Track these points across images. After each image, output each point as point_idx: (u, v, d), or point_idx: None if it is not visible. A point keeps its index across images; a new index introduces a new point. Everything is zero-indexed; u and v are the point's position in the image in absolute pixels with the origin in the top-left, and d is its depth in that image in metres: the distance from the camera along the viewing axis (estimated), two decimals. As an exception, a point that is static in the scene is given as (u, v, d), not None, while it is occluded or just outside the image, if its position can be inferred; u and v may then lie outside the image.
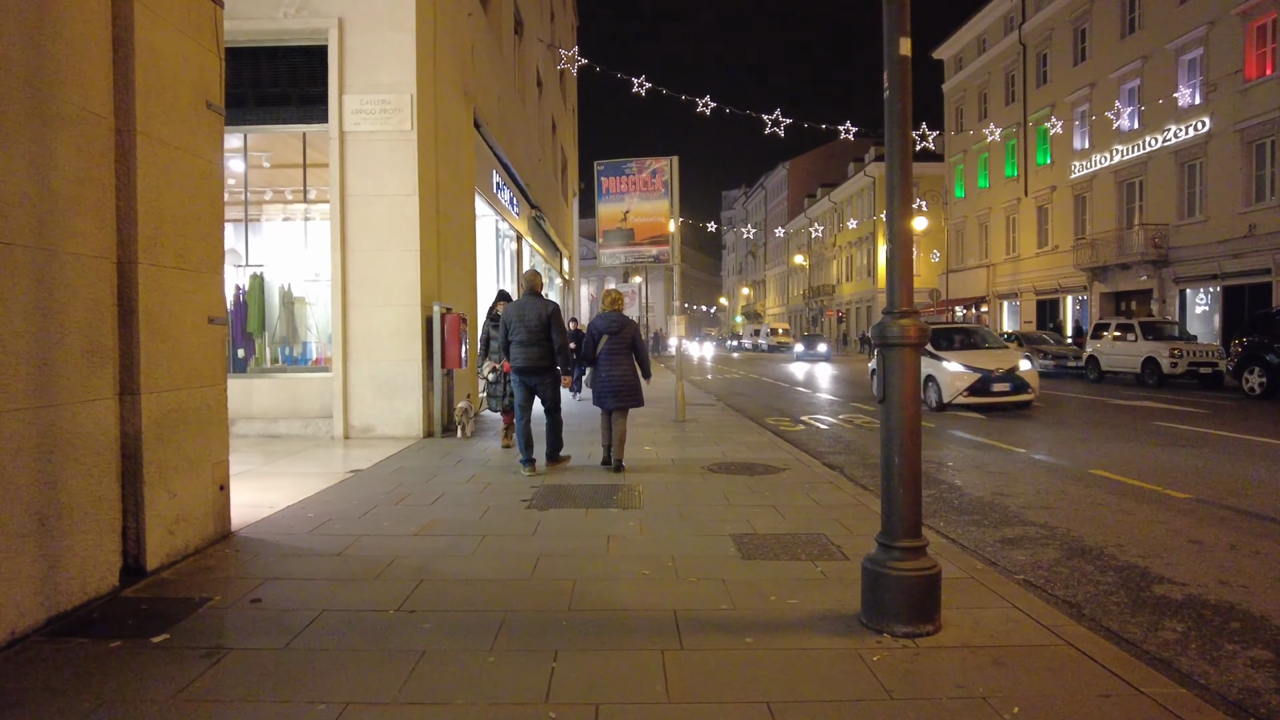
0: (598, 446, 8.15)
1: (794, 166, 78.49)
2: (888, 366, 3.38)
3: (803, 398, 16.95)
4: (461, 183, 11.72)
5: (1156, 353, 18.98)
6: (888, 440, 3.41)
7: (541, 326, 6.85)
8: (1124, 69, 28.45)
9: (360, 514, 5.49)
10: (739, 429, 10.54)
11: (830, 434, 10.91)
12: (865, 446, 9.69)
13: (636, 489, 6.33)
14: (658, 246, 11.31)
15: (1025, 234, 35.59)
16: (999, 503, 6.47)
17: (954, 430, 10.94)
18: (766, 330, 62.24)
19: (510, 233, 18.19)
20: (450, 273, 10.98)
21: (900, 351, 3.35)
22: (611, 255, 11.52)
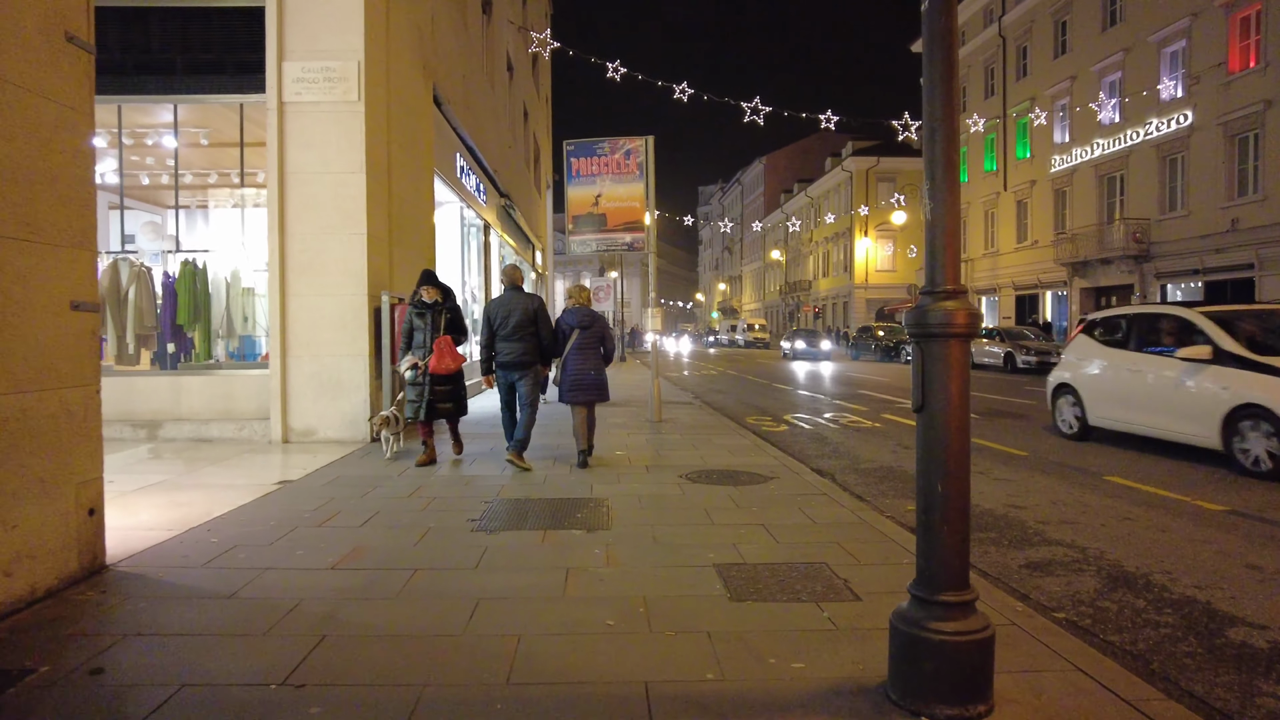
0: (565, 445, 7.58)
1: (770, 162, 77.99)
2: (928, 364, 2.58)
3: (783, 395, 16.23)
4: (418, 163, 10.80)
5: (1143, 349, 18.51)
6: (927, 461, 2.61)
7: (528, 320, 6.80)
8: (1105, 61, 28.09)
9: (274, 539, 4.61)
10: (719, 430, 9.75)
11: (816, 435, 10.16)
12: (854, 449, 8.94)
13: (605, 504, 5.50)
14: (631, 233, 10.49)
15: (1004, 229, 35.25)
16: (1014, 517, 5.73)
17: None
18: (743, 326, 61.68)
19: (477, 221, 17.24)
20: (405, 259, 10.06)
21: (945, 345, 2.55)
22: (582, 242, 10.67)
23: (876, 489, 6.74)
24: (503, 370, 7.02)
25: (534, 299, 7.02)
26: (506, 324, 6.86)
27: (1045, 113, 26.54)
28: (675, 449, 8.15)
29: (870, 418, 11.92)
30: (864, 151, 52.34)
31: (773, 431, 10.54)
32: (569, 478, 6.51)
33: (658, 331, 10.77)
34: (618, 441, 8.73)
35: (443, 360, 7.15)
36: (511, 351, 6.89)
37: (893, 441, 9.52)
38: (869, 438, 9.88)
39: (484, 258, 18.19)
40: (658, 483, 6.29)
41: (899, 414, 12.30)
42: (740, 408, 13.74)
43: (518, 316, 6.84)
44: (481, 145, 16.76)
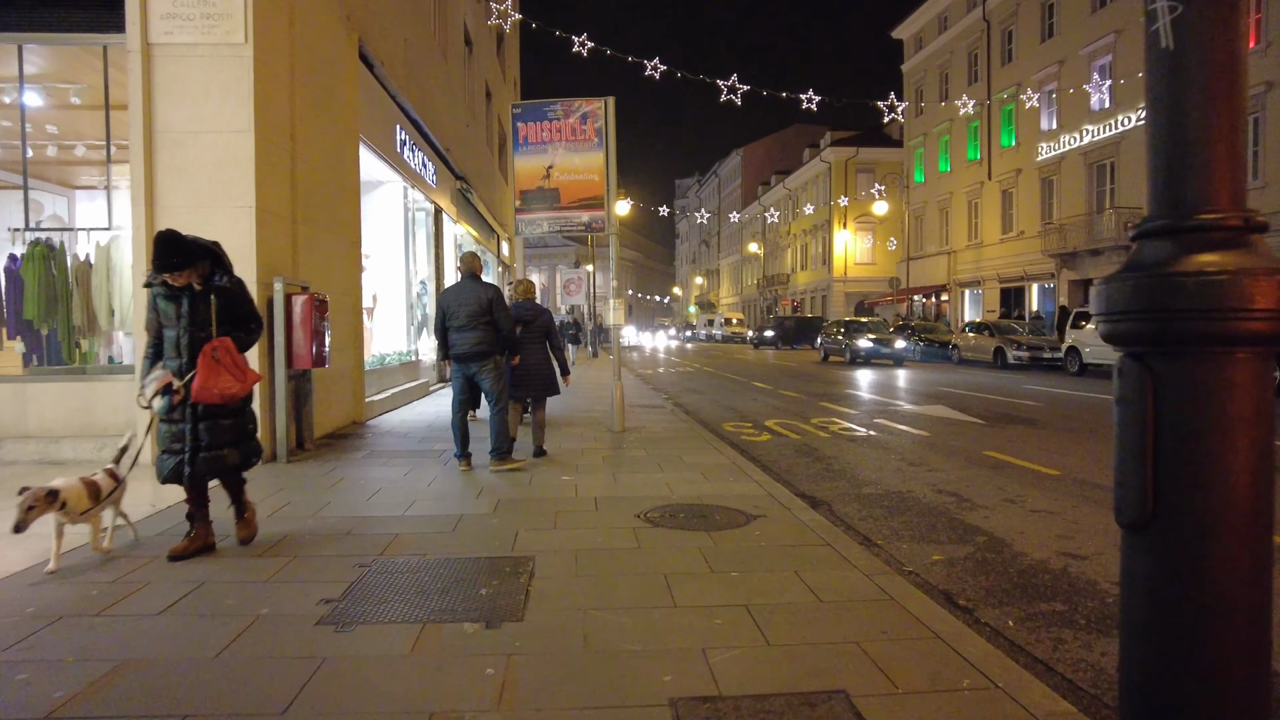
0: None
1: (748, 154, 76.71)
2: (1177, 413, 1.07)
3: (763, 396, 14.78)
4: (338, 128, 9.17)
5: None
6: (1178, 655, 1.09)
7: (482, 310, 6.51)
8: (1095, 44, 26.96)
9: (8, 641, 3.04)
10: (692, 442, 8.26)
11: (804, 447, 8.71)
12: (851, 466, 7.50)
13: (528, 568, 3.97)
14: (590, 211, 8.94)
15: (988, 219, 34.15)
16: (1078, 574, 4.29)
17: (941, 437, 8.87)
18: (721, 320, 60.40)
19: (426, 204, 15.60)
20: (316, 242, 8.46)
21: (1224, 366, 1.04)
22: (531, 223, 9.11)
23: (888, 527, 5.28)
24: (458, 364, 6.62)
25: (489, 287, 6.66)
26: (458, 314, 6.52)
27: (1036, 94, 25.29)
28: (637, 470, 6.65)
29: (862, 423, 10.51)
30: (843, 142, 51.18)
31: (754, 442, 9.07)
32: (490, 520, 4.97)
33: (620, 324, 9.24)
34: (569, 460, 7.21)
35: (214, 381, 4.13)
36: (465, 342, 6.52)
37: (894, 456, 8.09)
38: (865, 450, 8.44)
39: (435, 246, 16.56)
40: (607, 527, 4.78)
41: (893, 418, 10.90)
42: (717, 411, 12.27)
43: (470, 306, 6.50)
44: (430, 120, 15.11)
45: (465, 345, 6.53)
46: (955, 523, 5.37)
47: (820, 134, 56.84)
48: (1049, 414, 11.26)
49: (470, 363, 6.58)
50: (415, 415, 10.69)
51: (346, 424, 9.45)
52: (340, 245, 9.34)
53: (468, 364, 6.60)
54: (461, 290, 6.64)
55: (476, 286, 6.65)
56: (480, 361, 6.58)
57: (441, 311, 6.66)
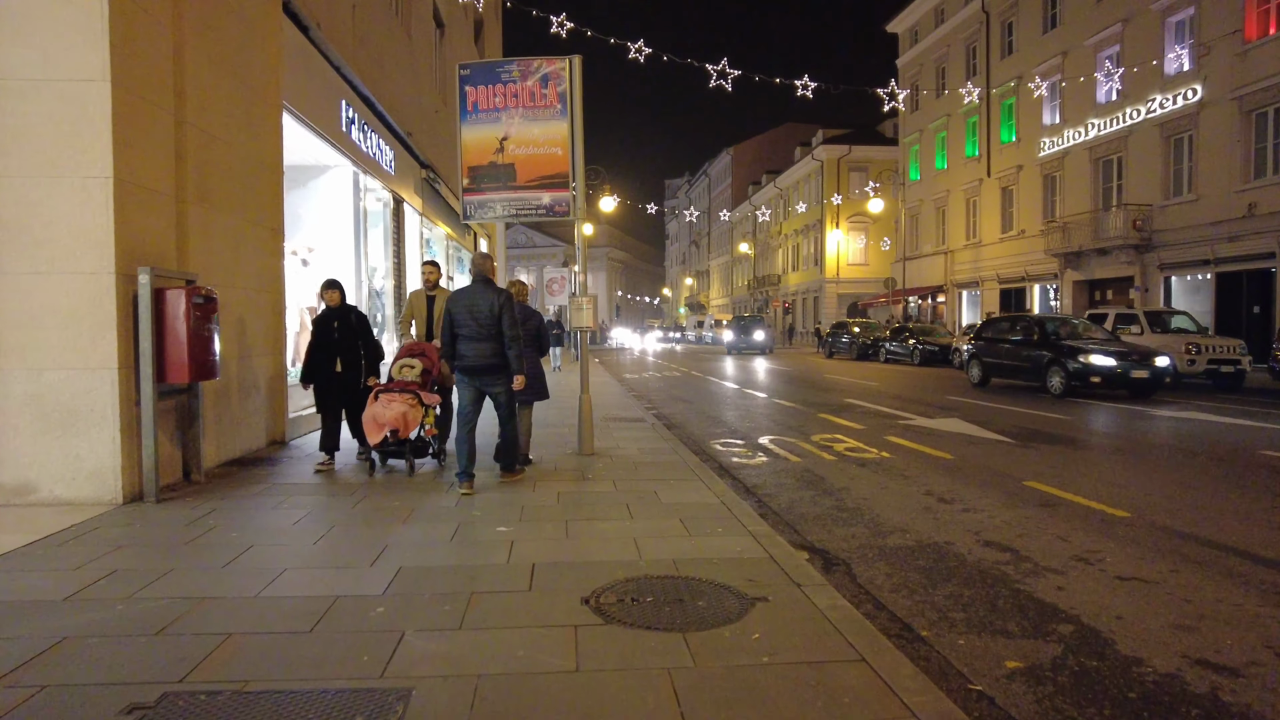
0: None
1: (738, 153, 75.40)
2: None
3: (756, 405, 13.36)
4: (251, 93, 7.68)
5: (1169, 348, 15.97)
6: None
7: (493, 319, 5.99)
8: (1101, 34, 25.72)
9: None
10: (672, 472, 6.80)
11: (808, 474, 7.28)
12: (868, 502, 6.07)
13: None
14: (552, 191, 7.49)
15: (988, 218, 32.89)
16: (1236, 708, 2.86)
17: (967, 460, 7.47)
18: (710, 321, 59.05)
19: (382, 194, 14.11)
20: (217, 227, 6.96)
21: None
22: (482, 205, 7.65)
23: (932, 605, 3.85)
24: (468, 376, 6.10)
25: (501, 293, 6.12)
26: (468, 323, 5.99)
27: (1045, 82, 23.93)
28: (599, 516, 5.19)
29: (871, 440, 9.09)
30: (835, 140, 49.94)
31: (747, 467, 7.63)
32: (374, 609, 3.50)
33: (589, 328, 7.77)
34: (515, 497, 5.74)
35: None
36: (478, 353, 6.00)
37: (917, 487, 6.67)
38: (880, 478, 7.02)
39: (397, 241, 15.07)
40: (538, 624, 3.31)
41: (906, 435, 9.49)
42: (705, 424, 10.83)
43: (483, 314, 5.96)
44: (389, 100, 13.65)
45: (479, 357, 6.00)
46: (1020, 597, 3.95)
47: (812, 133, 55.61)
48: (1083, 430, 9.88)
49: (483, 375, 6.06)
50: (354, 432, 9.20)
51: (262, 446, 7.96)
52: (255, 232, 7.84)
53: (481, 376, 6.07)
54: (472, 296, 6.04)
55: (488, 292, 6.05)
56: (496, 375, 6.07)
57: (450, 318, 6.07)
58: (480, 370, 6.06)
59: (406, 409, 6.42)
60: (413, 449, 6.72)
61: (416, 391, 6.63)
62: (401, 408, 6.40)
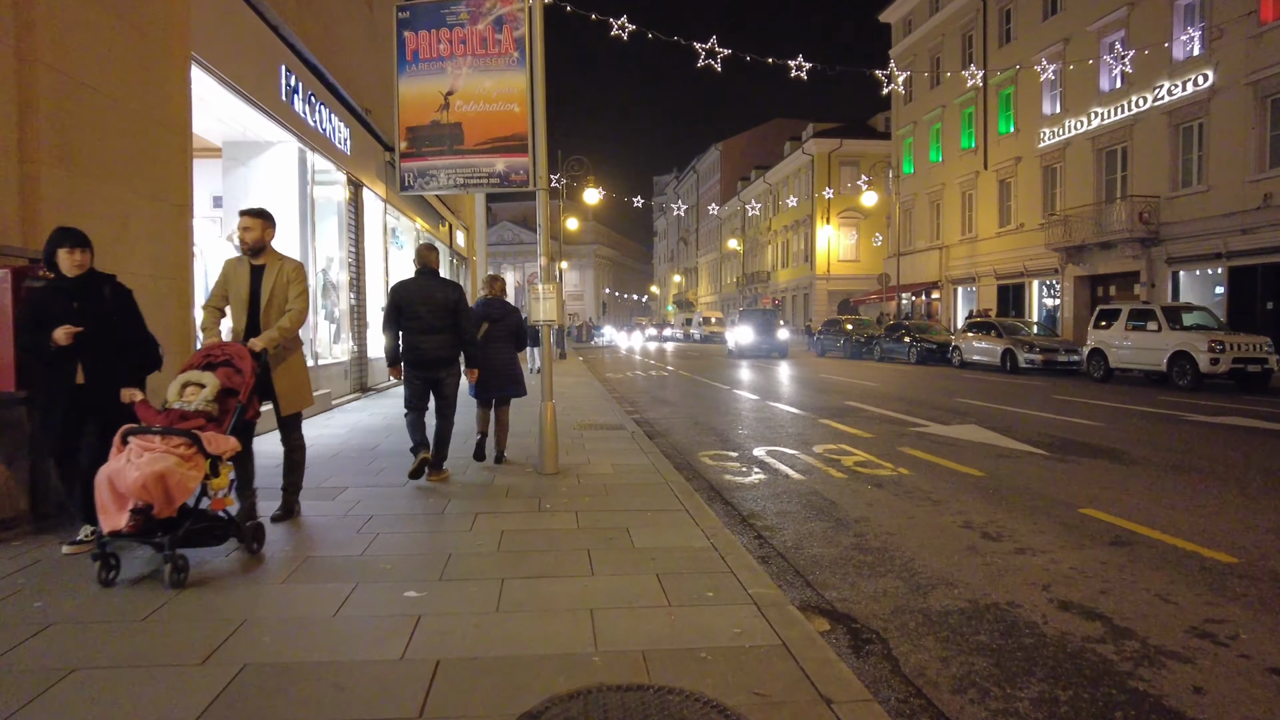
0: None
1: (727, 148, 74.24)
2: None
3: (748, 410, 12.13)
4: (144, 37, 6.36)
5: (1190, 345, 14.92)
6: None
7: (447, 312, 5.92)
8: (1105, 19, 24.68)
9: None
10: (651, 497, 5.56)
11: (816, 499, 6.06)
12: (895, 536, 4.86)
13: None
14: (507, 156, 6.23)
15: (984, 212, 31.83)
16: None
17: (1001, 478, 6.28)
18: (699, 319, 57.83)
19: (337, 177, 12.79)
20: (95, 198, 5.66)
21: None
22: (423, 173, 6.38)
23: (1024, 724, 2.63)
24: (418, 369, 6.00)
25: (454, 287, 6.10)
26: (420, 314, 5.92)
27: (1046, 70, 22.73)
28: (545, 573, 3.92)
29: (884, 452, 7.88)
30: (826, 134, 48.84)
31: (742, 487, 6.40)
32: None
33: (551, 323, 6.48)
34: (444, 539, 4.48)
35: None
36: (430, 345, 5.96)
37: (952, 515, 5.46)
38: (905, 502, 5.81)
39: (355, 230, 13.74)
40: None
41: (922, 444, 8.29)
42: (692, 432, 9.60)
43: (434, 306, 5.91)
44: (343, 72, 12.34)
45: (431, 349, 5.95)
46: (1145, 707, 2.73)
47: (801, 128, 54.48)
48: (1127, 440, 8.70)
49: (436, 368, 6.00)
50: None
51: (167, 461, 6.65)
52: (153, 209, 6.53)
53: (432, 369, 6.00)
54: (421, 288, 5.96)
55: (439, 284, 6.03)
56: (447, 367, 6.07)
57: (395, 309, 5.96)
58: (432, 363, 5.97)
59: (170, 465, 3.60)
60: (187, 536, 3.73)
61: (196, 433, 3.82)
62: (161, 464, 3.58)
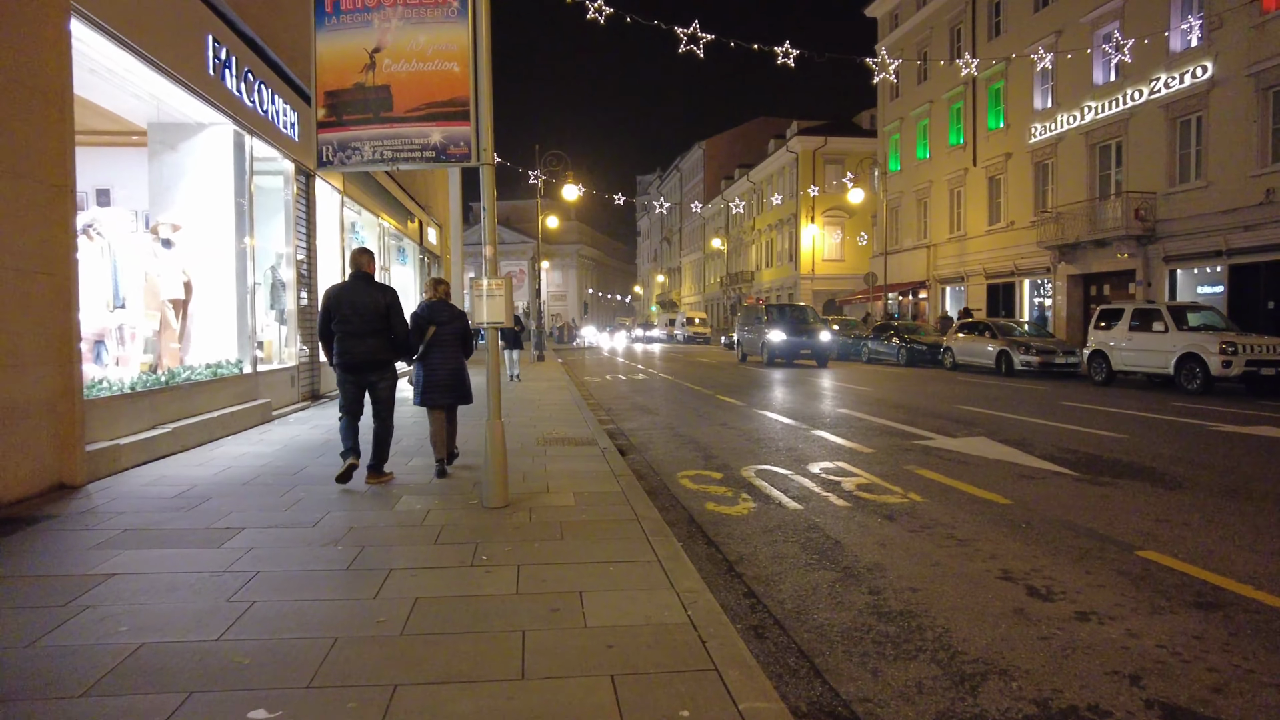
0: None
1: (710, 147, 73.35)
2: None
3: (734, 418, 11.13)
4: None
5: (1199, 347, 14.08)
6: None
7: (379, 316, 5.96)
8: (1099, 10, 23.95)
9: None
10: (617, 541, 4.52)
11: (816, 534, 5.05)
12: (921, 592, 3.86)
13: None
14: (444, 125, 5.18)
15: (973, 209, 31.06)
16: None
17: (1031, 507, 5.30)
18: (682, 320, 56.88)
19: (283, 165, 11.65)
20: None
21: None
22: (344, 146, 5.31)
23: None
24: (350, 372, 5.98)
25: (386, 290, 6.08)
26: (350, 318, 5.85)
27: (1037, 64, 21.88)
28: (454, 676, 2.84)
29: (890, 472, 6.89)
30: (810, 131, 48.04)
31: (728, 521, 5.37)
32: None
33: (500, 323, 5.39)
34: (335, 616, 3.42)
35: None
36: (362, 350, 5.92)
37: (984, 560, 4.47)
38: (925, 542, 4.81)
39: (307, 223, 12.61)
40: None
41: (931, 462, 7.30)
42: (671, 446, 8.57)
43: (365, 310, 5.87)
44: (288, 50, 11.20)
45: (363, 353, 5.98)
46: None
47: (785, 127, 53.69)
48: (1160, 456, 7.76)
49: (368, 372, 6.06)
50: (213, 461, 6.78)
51: (42, 490, 5.54)
52: (17, 190, 5.40)
53: (364, 373, 6.05)
54: (353, 292, 5.99)
55: (371, 289, 6.05)
56: (380, 371, 6.11)
57: (327, 314, 5.99)
58: (364, 366, 5.97)
59: None
60: None
61: None
62: None
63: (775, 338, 23.82)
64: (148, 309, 9.09)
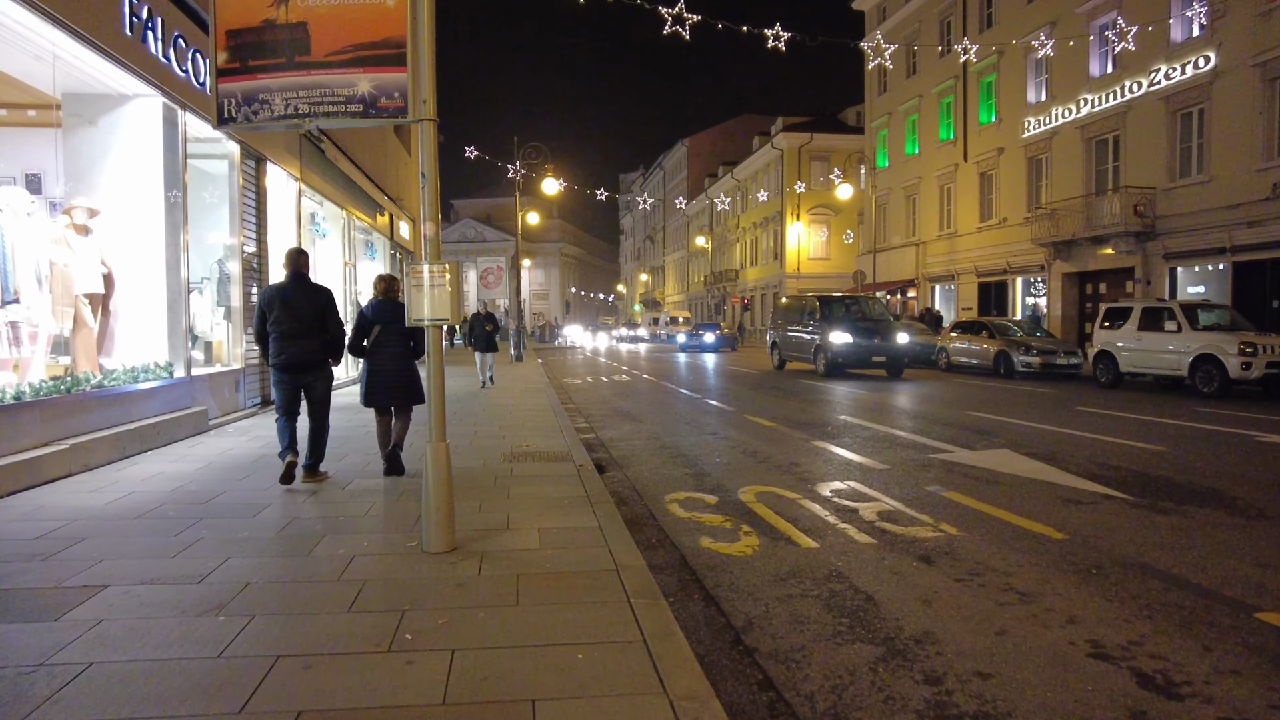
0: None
1: (694, 144, 72.43)
2: None
3: (726, 426, 10.12)
4: None
5: (1216, 348, 13.25)
6: None
7: (315, 316, 6.02)
8: (1096, 0, 23.16)
9: None
10: (586, 611, 3.48)
11: (841, 584, 4.05)
12: (997, 685, 2.86)
13: None
14: (373, 71, 4.11)
15: (964, 206, 30.28)
16: None
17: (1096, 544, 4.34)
18: (666, 319, 55.81)
19: (227, 146, 10.49)
20: None
21: None
22: (250, 99, 4.23)
23: None
24: (287, 373, 5.98)
25: (322, 291, 6.17)
26: (284, 319, 5.87)
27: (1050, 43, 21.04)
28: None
29: (913, 497, 5.90)
30: (796, 128, 47.22)
31: (729, 567, 4.34)
32: None
33: (439, 321, 4.31)
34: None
35: None
36: (299, 350, 5.93)
37: (1058, 618, 3.49)
38: (980, 600, 3.81)
39: (257, 213, 11.44)
40: None
41: (956, 481, 6.32)
42: (658, 463, 7.53)
43: (301, 310, 5.91)
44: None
45: (299, 353, 5.93)
46: None
47: (769, 124, 52.87)
48: (1217, 474, 6.82)
49: (304, 372, 6.03)
50: (114, 485, 5.65)
51: None
52: None
53: (299, 374, 6.01)
54: (289, 290, 5.97)
55: (309, 289, 6.08)
56: (315, 371, 6.10)
57: (262, 314, 5.93)
58: (298, 366, 5.97)
59: None
60: None
61: None
62: None
63: (839, 339, 18.62)
64: (58, 304, 7.92)
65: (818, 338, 19.44)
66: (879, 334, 18.83)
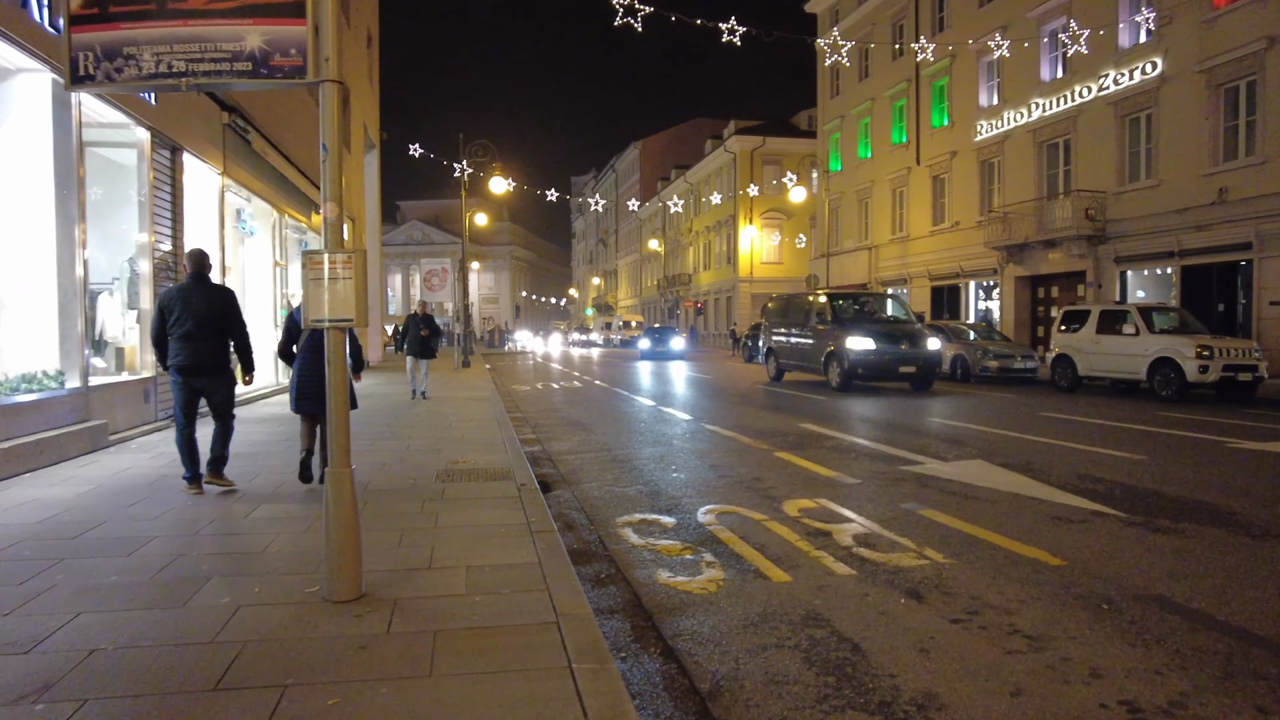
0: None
1: (646, 147, 72.06)
2: None
3: (683, 437, 9.52)
4: None
5: (1174, 351, 13.14)
6: None
7: (216, 317, 5.78)
8: (1047, 5, 23.35)
9: None
10: (517, 685, 2.81)
11: (827, 643, 3.45)
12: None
13: None
14: (265, 23, 3.37)
15: (917, 210, 30.33)
16: None
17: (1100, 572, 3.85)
18: (619, 323, 55.18)
19: (135, 133, 9.52)
20: None
21: None
22: (112, 53, 3.44)
23: None
24: (183, 376, 5.75)
25: (225, 291, 5.98)
26: (184, 320, 5.65)
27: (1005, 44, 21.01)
28: None
29: (890, 517, 5.36)
30: (748, 131, 47.11)
31: (689, 608, 3.71)
32: None
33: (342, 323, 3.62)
34: None
35: None
36: (197, 353, 5.71)
37: (1079, 672, 2.96)
38: (986, 649, 3.25)
39: (173, 208, 10.46)
40: None
41: (933, 498, 5.82)
42: (609, 479, 6.88)
43: (201, 312, 5.67)
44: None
45: (198, 357, 5.72)
46: None
47: (722, 127, 52.71)
48: (1207, 486, 6.44)
49: (201, 376, 5.78)
50: None
51: None
52: None
53: (198, 377, 5.78)
54: (189, 291, 5.75)
55: (210, 290, 5.84)
56: (214, 375, 5.84)
57: (161, 316, 5.73)
58: (198, 370, 5.74)
59: None
60: None
61: None
62: None
63: (859, 345, 15.38)
64: (-76, 307, 6.95)
65: (830, 344, 16.11)
66: (906, 339, 15.54)
